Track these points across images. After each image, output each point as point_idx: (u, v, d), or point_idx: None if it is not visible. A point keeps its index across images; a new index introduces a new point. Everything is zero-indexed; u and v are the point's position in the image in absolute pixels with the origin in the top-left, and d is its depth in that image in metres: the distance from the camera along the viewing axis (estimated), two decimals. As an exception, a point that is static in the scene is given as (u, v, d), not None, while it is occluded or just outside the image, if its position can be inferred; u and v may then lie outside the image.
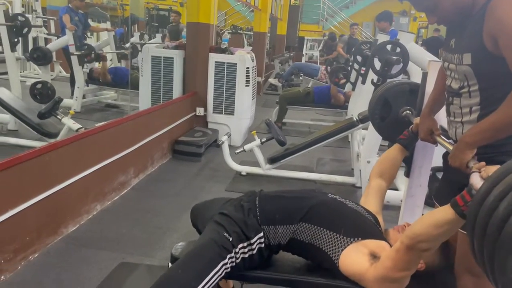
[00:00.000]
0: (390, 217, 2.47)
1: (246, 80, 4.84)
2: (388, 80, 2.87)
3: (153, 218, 2.98)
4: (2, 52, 4.94)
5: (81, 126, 3.82)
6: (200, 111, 4.97)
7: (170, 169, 4.07)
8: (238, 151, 3.84)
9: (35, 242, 2.29)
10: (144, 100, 4.96)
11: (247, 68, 4.83)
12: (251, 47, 9.19)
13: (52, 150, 2.39)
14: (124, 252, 2.48)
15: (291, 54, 11.30)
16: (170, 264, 1.66)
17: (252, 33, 11.95)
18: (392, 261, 1.24)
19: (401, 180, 3.11)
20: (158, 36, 8.62)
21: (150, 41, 8.16)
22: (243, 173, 3.97)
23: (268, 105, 7.50)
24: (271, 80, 9.46)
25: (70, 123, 3.84)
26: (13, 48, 4.56)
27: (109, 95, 6.64)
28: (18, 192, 2.16)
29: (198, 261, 1.45)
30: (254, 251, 1.51)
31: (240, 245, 1.50)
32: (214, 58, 4.83)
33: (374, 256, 1.35)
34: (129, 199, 3.28)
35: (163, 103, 4.65)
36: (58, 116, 3.87)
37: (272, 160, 3.86)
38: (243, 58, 4.83)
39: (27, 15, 8.79)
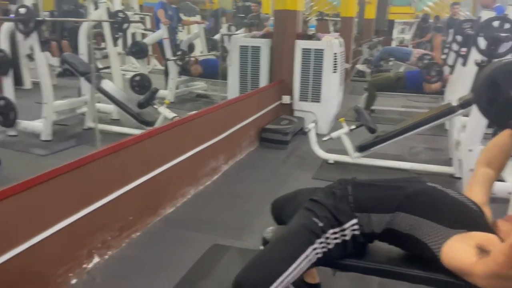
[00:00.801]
0: (495, 211, 2.25)
1: (334, 66, 4.73)
2: (494, 60, 2.61)
3: (243, 203, 3.06)
4: (105, 48, 5.38)
5: (175, 115, 4.03)
6: (286, 99, 4.97)
7: (257, 156, 4.14)
8: (325, 138, 3.78)
9: (137, 221, 2.48)
10: (232, 89, 5.09)
11: (335, 53, 4.71)
12: (338, 33, 8.95)
13: (151, 136, 2.56)
14: (216, 234, 2.58)
15: (380, 38, 10.80)
16: (261, 247, 1.69)
17: (338, 18, 11.64)
18: (506, 257, 1.12)
19: (509, 171, 2.82)
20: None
21: (237, 32, 8.34)
22: (331, 161, 3.91)
23: (355, 92, 7.27)
24: (359, 66, 9.14)
25: (165, 112, 4.07)
26: (115, 43, 4.93)
27: (199, 85, 6.92)
28: (122, 174, 2.35)
29: (288, 245, 1.46)
30: (347, 237, 1.48)
31: (331, 231, 1.48)
32: (300, 45, 4.78)
33: (482, 250, 1.24)
34: (220, 184, 3.40)
35: (250, 91, 4.73)
36: (154, 106, 4.13)
37: (361, 148, 3.74)
38: (331, 44, 4.72)
39: (126, 12, 9.51)
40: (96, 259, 2.16)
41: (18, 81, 6.23)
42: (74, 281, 2.02)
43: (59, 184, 1.90)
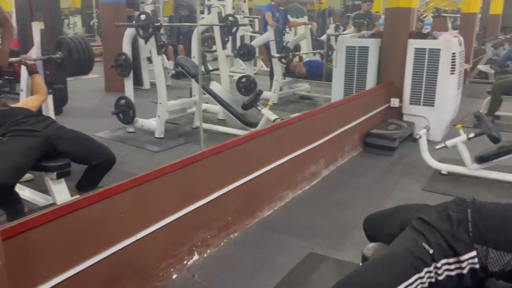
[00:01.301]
0: None
1: (452, 67, 4.31)
2: None
3: (342, 211, 2.93)
4: (215, 51, 5.62)
5: (277, 117, 4.03)
6: (394, 102, 4.67)
7: (360, 162, 3.95)
8: (438, 147, 3.46)
9: (236, 222, 2.51)
10: (336, 91, 4.94)
11: (453, 53, 4.30)
12: (456, 31, 8.20)
13: (252, 138, 2.58)
14: (313, 242, 2.50)
15: (507, 36, 9.64)
16: (360, 264, 1.57)
17: (458, 15, 10.67)
18: None
19: None
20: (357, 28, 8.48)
21: (344, 32, 8.11)
22: (444, 172, 3.56)
23: (475, 95, 6.58)
24: (481, 67, 8.27)
25: (268, 114, 4.09)
26: (224, 46, 5.12)
27: (303, 87, 6.87)
28: (224, 175, 2.40)
29: (390, 270, 1.32)
30: (465, 271, 1.28)
31: (444, 261, 1.29)
32: (413, 44, 4.45)
33: None
34: (320, 189, 3.31)
35: (355, 94, 4.54)
36: (258, 107, 4.18)
37: (481, 159, 3.34)
38: (449, 43, 4.32)
39: (236, 15, 9.87)
40: (195, 256, 2.23)
41: (138, 81, 6.83)
42: (174, 276, 2.11)
43: (165, 182, 2.00)
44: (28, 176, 3.00)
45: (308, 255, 2.38)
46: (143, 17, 3.99)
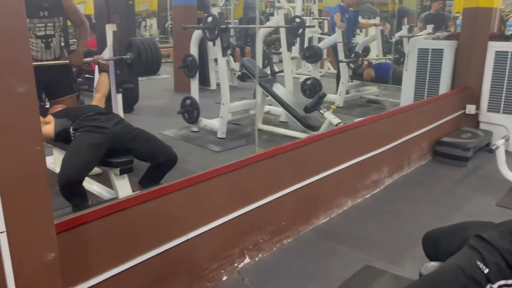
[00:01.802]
0: None
1: (538, 72, 3.92)
2: None
3: (404, 223, 2.77)
4: (281, 52, 5.59)
5: (340, 121, 3.91)
6: (470, 109, 4.34)
7: (428, 172, 3.71)
8: (518, 159, 3.15)
9: (290, 227, 2.46)
10: (406, 95, 4.70)
11: (542, 57, 3.90)
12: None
13: (309, 143, 2.51)
14: (370, 254, 2.38)
15: None
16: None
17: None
18: None
19: None
20: (430, 28, 8.06)
21: (419, 34, 7.71)
22: (523, 187, 3.24)
23: None
24: None
25: (331, 118, 3.98)
26: (289, 47, 5.08)
27: (371, 90, 6.63)
28: (278, 179, 2.36)
29: None
30: None
31: (501, 282, 1.16)
32: (494, 47, 4.11)
33: None
34: (381, 198, 3.15)
35: (426, 99, 4.28)
36: (321, 111, 4.08)
37: None
38: (537, 45, 3.92)
39: (305, 17, 9.79)
40: (247, 260, 2.22)
41: (205, 82, 7.04)
42: (225, 278, 2.11)
43: (219, 183, 2.00)
44: (97, 170, 3.18)
45: (364, 268, 2.26)
46: (209, 19, 4.07)
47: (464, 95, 4.32)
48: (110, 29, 3.28)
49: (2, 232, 1.11)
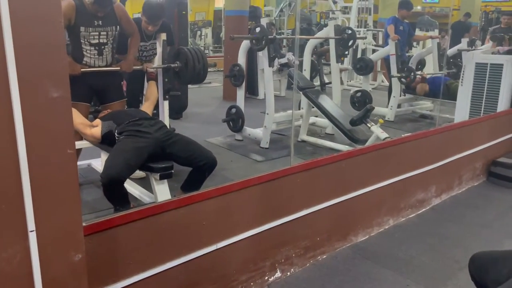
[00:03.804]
0: None
1: None
2: None
3: (450, 248, 2.60)
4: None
5: (388, 136, 3.77)
6: (533, 128, 4.04)
7: (481, 194, 3.48)
8: None
9: (325, 244, 2.39)
10: (461, 111, 4.45)
11: None
12: None
13: (349, 157, 2.43)
14: (409, 277, 2.26)
15: None
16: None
17: None
18: None
19: None
20: (491, 43, 7.63)
21: (480, 48, 7.33)
22: None
23: None
24: None
25: (378, 132, 3.85)
26: (338, 59, 4.99)
27: (425, 105, 6.37)
28: (314, 193, 2.30)
29: None
30: None
31: None
32: (562, 62, 3.81)
33: None
34: (427, 219, 2.99)
35: (482, 116, 4.03)
36: (368, 124, 3.96)
37: None
38: None
39: (359, 28, 9.63)
40: (278, 274, 2.18)
41: (253, 91, 7.10)
42: (253, 290, 2.08)
43: (251, 194, 1.99)
44: (141, 174, 3.28)
45: (401, 292, 2.15)
46: (257, 29, 4.10)
47: (525, 114, 4.03)
48: (160, 38, 3.40)
49: (31, 231, 1.15)
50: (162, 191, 2.65)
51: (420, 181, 3.00)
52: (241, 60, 4.54)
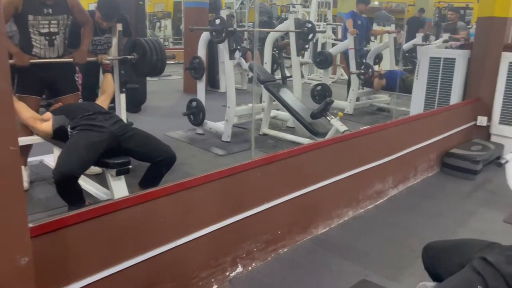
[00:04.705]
0: None
1: (553, 86, 3.79)
2: None
3: (407, 237, 2.67)
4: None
5: (347, 129, 3.83)
6: (482, 120, 4.22)
7: (435, 184, 3.61)
8: (529, 174, 3.02)
9: (286, 237, 2.39)
10: (416, 105, 4.59)
11: (557, 69, 3.77)
12: None
13: (308, 151, 2.44)
14: (368, 268, 2.30)
15: None
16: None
17: None
18: None
19: None
20: (446, 36, 7.93)
21: (433, 42, 7.59)
22: (533, 204, 3.12)
23: None
24: None
25: (337, 125, 3.91)
26: (298, 53, 5.01)
27: (382, 98, 6.53)
28: (275, 186, 2.29)
29: None
30: None
31: None
32: (508, 58, 4.00)
33: None
34: (384, 210, 3.06)
35: (436, 109, 4.17)
36: (328, 117, 4.01)
37: None
38: (552, 58, 3.80)
39: (319, 23, 9.72)
40: (239, 269, 2.16)
41: (214, 84, 7.03)
42: (215, 286, 2.05)
43: (211, 189, 1.95)
44: (97, 170, 3.16)
45: (360, 282, 2.16)
46: (217, 21, 4.04)
47: (475, 106, 4.20)
48: (116, 29, 3.27)
49: (-29, 234, 1.07)
50: (119, 188, 2.57)
51: (378, 173, 3.07)
52: (201, 52, 4.46)
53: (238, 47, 4.79)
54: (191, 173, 3.45)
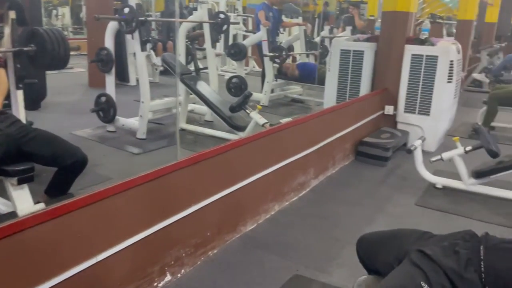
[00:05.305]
0: None
1: (449, 76, 4.13)
2: None
3: (331, 227, 2.73)
4: (205, 49, 5.38)
5: (266, 121, 3.83)
6: (389, 109, 4.49)
7: (352, 172, 3.75)
8: (434, 159, 3.27)
9: (215, 238, 2.30)
10: (329, 96, 4.75)
11: (451, 61, 4.12)
12: (451, 38, 8.08)
13: (235, 147, 2.36)
14: (298, 262, 2.30)
15: (502, 45, 9.56)
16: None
17: (453, 22, 10.56)
18: None
19: None
20: (348, 29, 8.35)
21: (339, 35, 7.96)
22: (438, 186, 3.38)
23: (470, 105, 6.43)
24: (476, 75, 8.17)
25: (257, 118, 3.89)
26: (213, 44, 4.89)
27: (295, 90, 6.68)
28: (202, 187, 2.18)
29: None
30: None
31: None
32: (410, 50, 4.27)
33: None
34: (308, 201, 3.10)
35: (350, 100, 4.35)
36: (247, 110, 3.97)
37: (478, 174, 3.17)
38: (447, 50, 4.14)
39: (229, 14, 9.64)
40: (168, 277, 2.01)
41: (123, 78, 6.61)
42: (142, 299, 1.89)
43: (133, 196, 1.78)
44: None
45: (293, 277, 2.17)
46: (126, 10, 3.75)
47: (383, 96, 4.45)
48: (8, 17, 2.86)
49: None
50: (22, 198, 2.25)
51: (301, 165, 3.09)
52: (109, 43, 4.13)
53: (150, 38, 4.54)
54: (105, 175, 3.19)
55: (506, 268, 1.09)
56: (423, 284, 1.12)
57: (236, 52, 6.24)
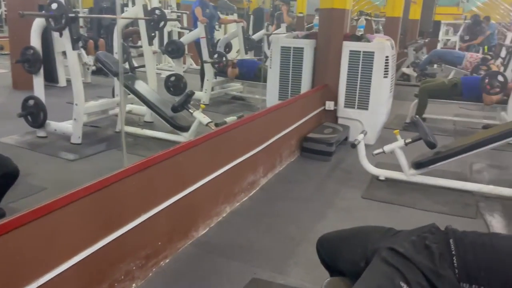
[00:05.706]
0: None
1: (385, 71, 4.29)
2: None
3: (284, 225, 2.71)
4: (141, 46, 5.16)
5: (210, 120, 3.73)
6: (330, 105, 4.58)
7: (298, 168, 3.77)
8: (376, 152, 3.36)
9: (167, 247, 2.18)
10: (271, 92, 4.74)
11: (387, 57, 4.28)
12: (381, 34, 8.46)
13: (184, 150, 2.25)
14: (255, 265, 2.24)
15: (426, 40, 10.18)
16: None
17: (381, 18, 11.06)
18: None
19: None
20: (283, 26, 8.43)
21: (276, 31, 8.01)
22: (381, 178, 3.49)
23: (400, 97, 6.75)
24: (404, 69, 8.61)
25: (200, 117, 3.77)
26: (150, 41, 4.69)
27: (235, 87, 6.62)
28: (152, 195, 2.05)
29: None
30: None
31: None
32: (348, 46, 4.38)
33: None
34: (258, 200, 3.06)
35: (294, 97, 4.36)
36: (190, 110, 3.84)
37: (418, 165, 3.31)
38: (382, 46, 4.29)
39: (164, 10, 9.35)
40: (117, 294, 1.87)
41: (52, 78, 6.14)
42: (91, 321, 1.73)
43: (78, 209, 1.61)
44: None
45: (251, 281, 2.11)
46: (54, 6, 3.45)
47: (324, 92, 4.52)
48: None
49: None
50: None
51: (250, 164, 3.04)
52: (35, 42, 3.79)
53: (80, 35, 4.24)
54: (39, 186, 2.93)
55: (473, 261, 1.10)
56: (402, 284, 1.10)
57: (174, 49, 6.06)
